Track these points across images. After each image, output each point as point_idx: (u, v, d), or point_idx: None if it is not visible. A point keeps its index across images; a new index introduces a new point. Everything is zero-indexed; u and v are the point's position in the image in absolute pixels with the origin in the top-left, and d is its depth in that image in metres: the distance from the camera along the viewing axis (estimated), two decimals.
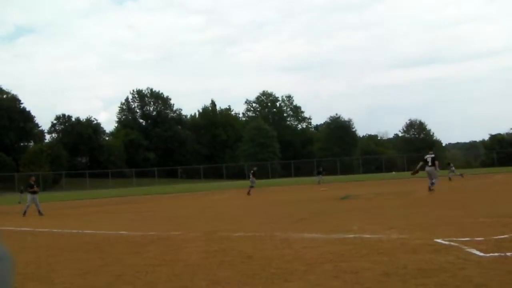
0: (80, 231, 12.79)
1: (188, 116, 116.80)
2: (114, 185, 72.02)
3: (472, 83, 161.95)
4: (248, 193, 28.71)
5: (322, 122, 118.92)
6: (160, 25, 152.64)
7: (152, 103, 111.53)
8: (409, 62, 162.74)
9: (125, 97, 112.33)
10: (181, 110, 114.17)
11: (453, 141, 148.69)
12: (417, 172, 20.99)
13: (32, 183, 21.46)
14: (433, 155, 20.88)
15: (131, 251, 8.40)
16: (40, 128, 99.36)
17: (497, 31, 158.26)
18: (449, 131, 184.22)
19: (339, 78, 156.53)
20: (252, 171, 32.51)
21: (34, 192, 21.12)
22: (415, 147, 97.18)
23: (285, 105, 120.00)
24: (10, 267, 1.79)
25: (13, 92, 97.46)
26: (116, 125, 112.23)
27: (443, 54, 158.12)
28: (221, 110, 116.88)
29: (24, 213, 20.37)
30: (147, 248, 8.73)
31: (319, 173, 42.68)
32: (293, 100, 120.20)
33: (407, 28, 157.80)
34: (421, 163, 20.80)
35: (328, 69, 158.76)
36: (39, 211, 20.61)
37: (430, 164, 20.53)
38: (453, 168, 37.41)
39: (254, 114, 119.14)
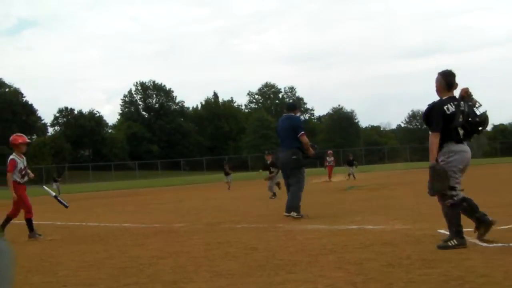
0: (83, 223, 12.82)
1: (191, 108, 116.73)
2: (117, 178, 72.17)
3: (475, 73, 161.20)
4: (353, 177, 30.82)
5: (325, 113, 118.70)
6: (163, 17, 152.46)
7: (154, 95, 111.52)
8: (412, 52, 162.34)
9: (128, 90, 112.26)
10: (184, 102, 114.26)
11: None
12: None
13: None
14: None
15: (135, 243, 8.42)
16: (43, 121, 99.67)
17: (500, 21, 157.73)
18: None
19: (341, 69, 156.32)
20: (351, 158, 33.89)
21: None
22: (418, 138, 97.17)
23: (288, 96, 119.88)
24: (10, 260, 1.78)
25: (16, 85, 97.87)
26: (118, 117, 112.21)
27: (446, 44, 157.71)
28: (224, 102, 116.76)
29: None
30: (151, 240, 8.75)
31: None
32: (295, 92, 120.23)
33: (410, 18, 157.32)
34: None
35: (330, 60, 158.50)
36: None
37: None
38: None
39: (256, 106, 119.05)
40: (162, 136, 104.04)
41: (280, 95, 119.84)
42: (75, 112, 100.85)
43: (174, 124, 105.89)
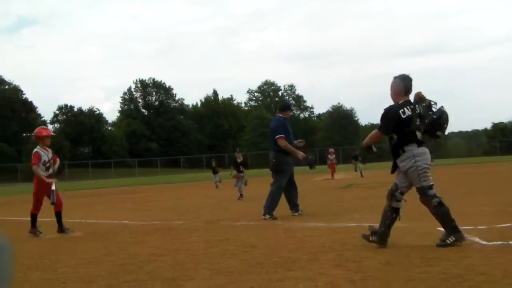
0: (83, 220, 12.81)
1: (190, 106, 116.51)
2: (117, 175, 72.15)
3: (475, 72, 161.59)
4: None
5: (325, 111, 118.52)
6: (163, 15, 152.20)
7: (154, 93, 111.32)
8: (412, 51, 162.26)
9: (127, 87, 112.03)
10: (183, 100, 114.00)
11: (455, 130, 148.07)
12: None
13: None
14: None
15: (135, 241, 8.42)
16: (43, 119, 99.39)
17: (499, 21, 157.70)
18: (451, 120, 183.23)
19: (341, 67, 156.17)
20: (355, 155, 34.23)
21: None
22: None
23: (288, 94, 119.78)
24: (10, 257, 1.78)
25: (15, 82, 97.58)
26: (118, 115, 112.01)
27: (446, 43, 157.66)
28: (223, 99, 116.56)
29: None
30: (150, 237, 8.75)
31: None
32: (295, 89, 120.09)
33: (410, 17, 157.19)
34: None
35: (330, 58, 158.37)
36: None
37: None
38: None
39: (256, 104, 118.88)
40: (161, 133, 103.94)
41: (280, 93, 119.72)
42: (75, 109, 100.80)
43: (173, 122, 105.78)
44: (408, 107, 6.35)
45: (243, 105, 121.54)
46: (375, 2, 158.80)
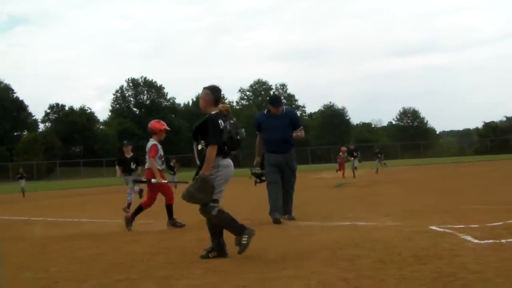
0: (75, 219, 12.78)
1: (182, 105, 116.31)
2: (109, 174, 71.72)
3: (467, 71, 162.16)
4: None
5: (316, 110, 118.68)
6: (154, 14, 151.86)
7: (145, 92, 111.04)
8: (404, 50, 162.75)
9: (119, 86, 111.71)
10: (175, 98, 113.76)
11: (447, 129, 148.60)
12: None
13: None
14: None
15: (128, 240, 8.41)
16: (34, 118, 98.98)
17: (492, 20, 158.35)
18: (442, 118, 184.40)
19: (333, 66, 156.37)
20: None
21: None
22: (409, 135, 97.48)
23: (279, 93, 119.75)
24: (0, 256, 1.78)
25: (6, 81, 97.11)
26: (109, 114, 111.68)
27: (438, 42, 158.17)
28: None
29: None
30: (143, 236, 8.74)
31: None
32: (287, 89, 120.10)
33: (402, 16, 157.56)
34: None
35: (322, 57, 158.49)
36: None
37: None
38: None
39: (247, 103, 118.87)
40: None
41: (271, 92, 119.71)
42: (66, 108, 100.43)
43: (165, 121, 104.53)
44: (221, 119, 6.35)
45: (234, 104, 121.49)
46: (368, 1, 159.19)
